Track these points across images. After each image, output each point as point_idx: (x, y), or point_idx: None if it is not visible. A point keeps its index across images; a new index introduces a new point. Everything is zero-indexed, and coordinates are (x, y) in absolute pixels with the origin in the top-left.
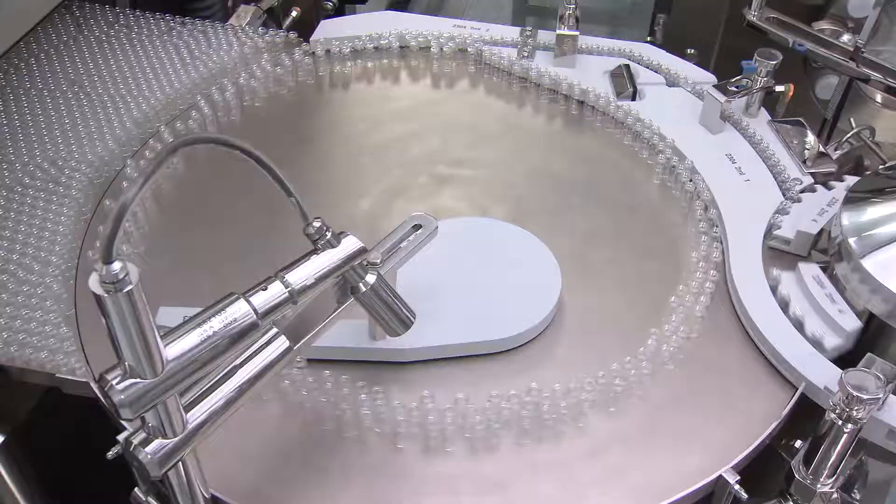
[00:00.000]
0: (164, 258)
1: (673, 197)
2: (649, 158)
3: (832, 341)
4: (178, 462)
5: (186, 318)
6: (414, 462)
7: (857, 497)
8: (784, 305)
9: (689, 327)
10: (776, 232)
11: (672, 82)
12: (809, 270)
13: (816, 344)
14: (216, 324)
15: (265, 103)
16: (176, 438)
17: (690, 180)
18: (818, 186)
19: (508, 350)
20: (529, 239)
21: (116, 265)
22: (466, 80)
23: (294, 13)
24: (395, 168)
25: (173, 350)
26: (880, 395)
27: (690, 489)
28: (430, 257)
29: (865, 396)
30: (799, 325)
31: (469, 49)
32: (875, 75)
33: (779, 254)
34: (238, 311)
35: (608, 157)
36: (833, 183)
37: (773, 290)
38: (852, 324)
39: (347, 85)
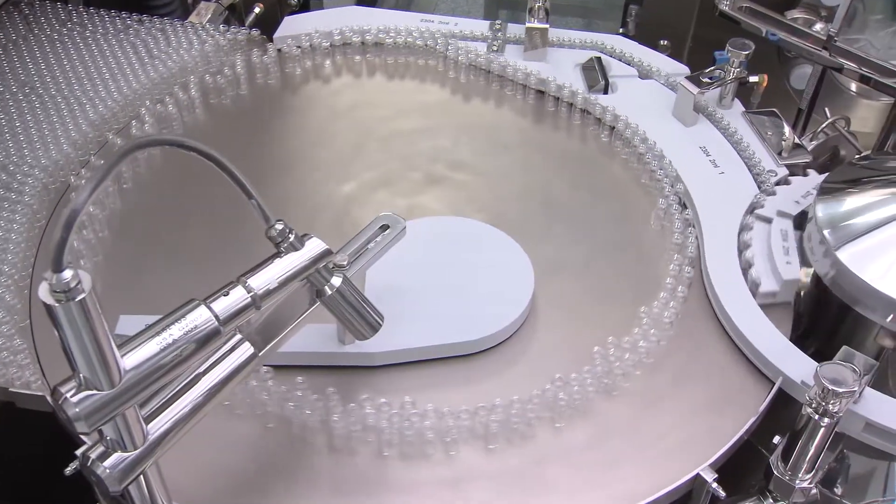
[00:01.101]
0: (124, 265)
1: (647, 191)
2: (622, 153)
3: (766, 286)
4: (139, 476)
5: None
6: (385, 468)
7: (839, 492)
8: (743, 248)
9: (663, 324)
10: (761, 290)
11: (645, 74)
12: (780, 224)
13: (753, 287)
14: (176, 331)
15: (228, 103)
16: (136, 451)
17: (665, 174)
18: (793, 178)
19: (481, 351)
20: (501, 238)
21: (67, 273)
22: (434, 76)
23: (257, 9)
24: (363, 165)
25: (131, 360)
26: (855, 388)
27: (668, 489)
28: (400, 257)
29: (841, 390)
30: (746, 267)
31: (437, 44)
32: (848, 64)
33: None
34: (199, 318)
35: (579, 152)
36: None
37: (740, 235)
38: (790, 273)
39: (310, 82)
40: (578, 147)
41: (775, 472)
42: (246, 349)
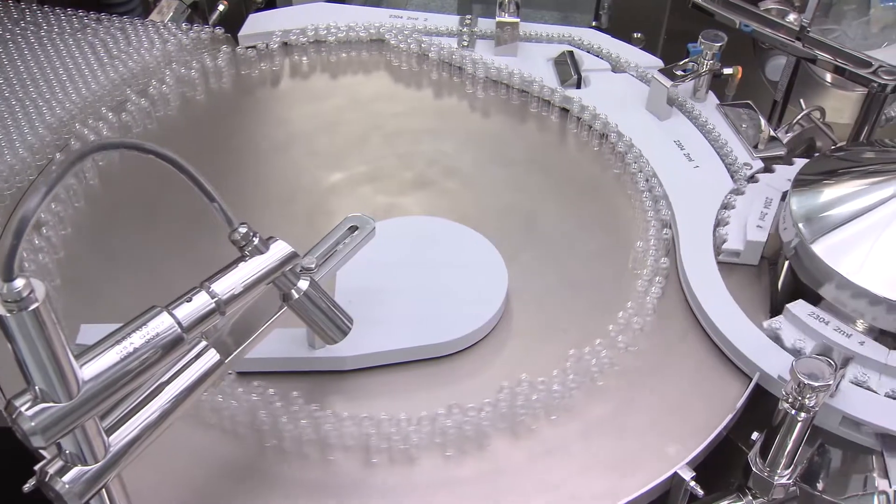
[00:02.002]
0: (85, 273)
1: (621, 187)
2: (596, 148)
3: (731, 245)
4: (100, 490)
5: None
6: (361, 475)
7: (820, 487)
8: (724, 207)
9: (640, 321)
10: (725, 246)
11: (618, 68)
12: (766, 192)
13: (720, 243)
14: (137, 339)
15: (191, 103)
16: (97, 465)
17: (639, 170)
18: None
19: (454, 353)
20: (474, 237)
21: (19, 282)
22: (404, 72)
23: (221, 7)
24: (331, 165)
25: (90, 370)
26: (830, 382)
27: (645, 488)
28: (370, 259)
29: (816, 384)
30: (722, 224)
31: (406, 40)
32: (822, 55)
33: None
34: (161, 325)
35: (553, 148)
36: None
37: (777, 340)
38: (756, 236)
39: (276, 81)
40: (551, 143)
41: (754, 469)
42: (211, 356)
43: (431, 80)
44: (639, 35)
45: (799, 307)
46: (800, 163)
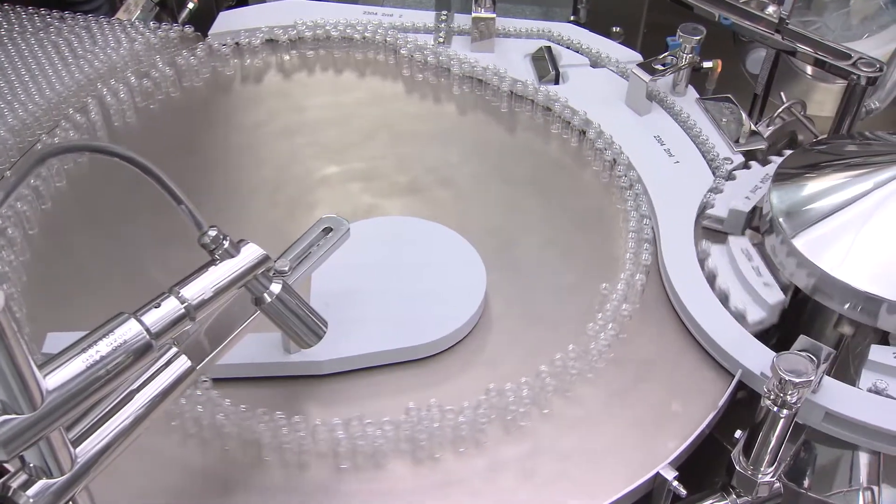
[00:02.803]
0: (52, 280)
1: (601, 183)
2: (575, 144)
3: (755, 315)
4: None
5: None
6: (338, 482)
7: (806, 484)
8: (711, 279)
9: (620, 320)
10: (709, 211)
11: (596, 63)
12: (738, 243)
13: (740, 317)
14: (104, 347)
15: (161, 104)
16: (63, 478)
17: (619, 165)
18: (752, 163)
19: (434, 355)
20: (451, 236)
21: None
22: (378, 70)
23: (190, 5)
24: (303, 166)
25: (54, 380)
26: (812, 378)
27: (627, 489)
28: (346, 260)
29: (798, 380)
30: (724, 299)
31: (380, 37)
32: (802, 47)
33: (711, 232)
34: (128, 332)
35: (530, 145)
36: (771, 158)
37: (702, 263)
38: (775, 297)
39: (246, 80)
40: (529, 140)
41: (737, 468)
42: (182, 363)
43: (404, 76)
44: (618, 29)
45: (736, 241)
46: (750, 173)
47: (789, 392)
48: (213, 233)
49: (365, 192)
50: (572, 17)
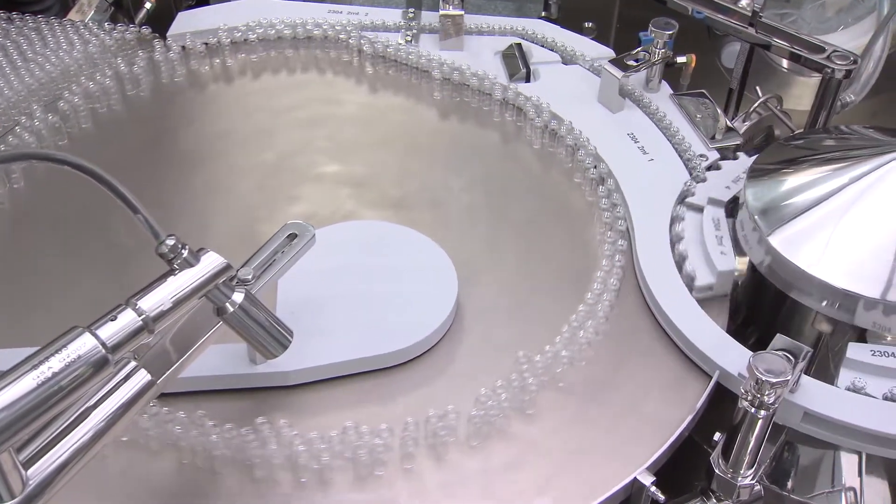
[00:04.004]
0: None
1: (574, 183)
2: (547, 144)
3: (702, 279)
4: None
5: None
6: (306, 496)
7: (790, 485)
8: (675, 241)
9: (595, 323)
10: (697, 283)
11: (568, 60)
12: (712, 212)
13: (689, 281)
14: (56, 363)
15: (117, 109)
16: (13, 501)
17: (591, 163)
18: (723, 163)
19: (405, 363)
20: (420, 240)
21: None
22: (343, 71)
23: (148, 5)
24: (271, 170)
25: (2, 399)
26: (789, 377)
27: (604, 496)
28: (312, 267)
29: (774, 379)
30: (681, 261)
31: (344, 36)
32: (776, 41)
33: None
34: (83, 347)
35: (501, 145)
36: (738, 155)
37: (672, 225)
38: (726, 264)
39: (207, 84)
40: (499, 141)
41: (716, 471)
42: (142, 377)
43: (367, 74)
44: (590, 25)
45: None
46: (735, 164)
47: (766, 392)
48: (171, 242)
49: (334, 191)
50: (544, 13)
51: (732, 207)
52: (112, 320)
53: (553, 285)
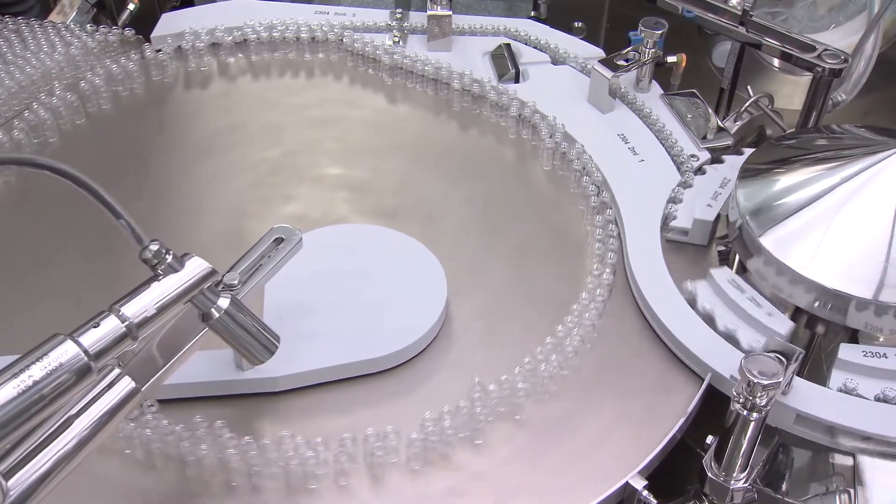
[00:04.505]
0: None
1: (565, 185)
2: (537, 145)
3: (679, 222)
4: None
5: None
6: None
7: (784, 488)
8: (710, 321)
9: (586, 326)
10: (673, 223)
11: (558, 60)
12: (723, 276)
13: (668, 220)
14: (37, 372)
15: (99, 113)
16: None
17: (582, 164)
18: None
19: (394, 367)
20: (409, 243)
21: None
22: (331, 73)
23: (131, 6)
24: (255, 173)
25: None
26: (780, 379)
27: (595, 501)
28: (300, 271)
29: (766, 381)
30: (733, 341)
31: (331, 37)
32: (767, 40)
33: (678, 246)
34: (65, 355)
35: (492, 147)
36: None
37: (692, 303)
38: (786, 326)
39: (191, 86)
40: (489, 142)
41: (709, 474)
42: (126, 384)
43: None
44: (580, 24)
45: (721, 273)
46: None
47: (758, 395)
48: (154, 247)
49: (330, 194)
50: (533, 13)
51: None
52: (95, 327)
53: (542, 287)
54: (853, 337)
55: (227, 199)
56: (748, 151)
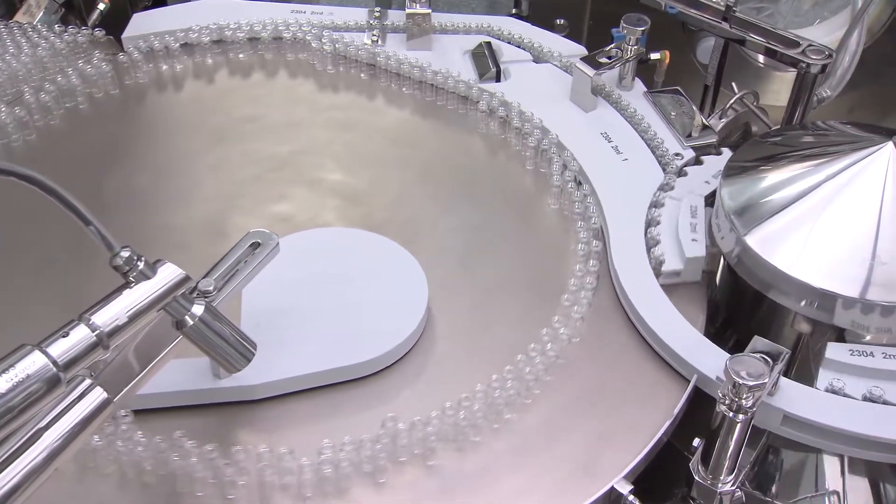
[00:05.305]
0: None
1: (547, 185)
2: (518, 145)
3: (670, 265)
4: None
5: None
6: None
7: (774, 490)
8: (649, 224)
9: (571, 327)
10: (664, 268)
11: (539, 58)
12: (691, 200)
13: (657, 266)
14: (3, 384)
15: (67, 116)
16: None
17: (565, 166)
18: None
19: (374, 374)
20: (389, 247)
21: None
22: (306, 73)
23: (101, 6)
24: (258, 168)
25: None
26: (766, 380)
27: None
28: (278, 276)
29: (752, 382)
30: (653, 245)
31: (309, 37)
32: (751, 36)
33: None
34: (32, 366)
35: (473, 147)
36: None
37: (651, 209)
38: (695, 251)
39: (165, 88)
40: (469, 143)
41: (696, 478)
42: (98, 395)
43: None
44: (562, 22)
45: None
46: (718, 159)
47: (744, 396)
48: (125, 254)
49: (323, 199)
50: (514, 10)
51: (712, 199)
52: (64, 336)
53: (526, 289)
54: (840, 336)
55: (222, 189)
56: (727, 152)
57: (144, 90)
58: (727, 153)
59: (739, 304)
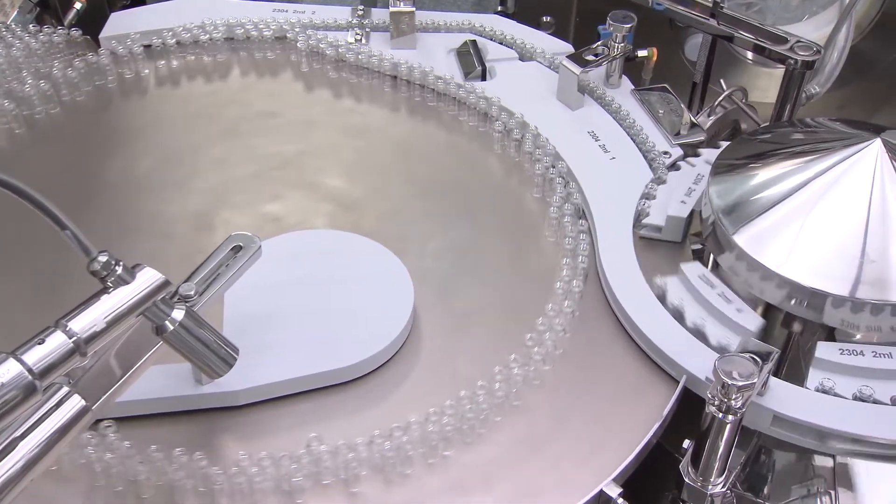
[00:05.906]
0: None
1: (533, 184)
2: (504, 144)
3: (652, 219)
4: None
5: None
6: None
7: (766, 492)
8: (679, 316)
9: (559, 329)
10: (646, 220)
11: (525, 56)
12: (694, 270)
13: (640, 218)
14: None
15: (43, 119)
16: None
17: (551, 163)
18: (682, 163)
19: (360, 378)
20: (374, 249)
21: None
22: (290, 73)
23: (78, 5)
24: (260, 165)
25: None
26: (755, 380)
27: None
28: (260, 280)
29: (740, 382)
30: (701, 336)
31: (290, 36)
32: (739, 33)
33: (652, 244)
34: (7, 374)
35: (458, 147)
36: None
37: (662, 299)
38: (755, 322)
39: (145, 90)
40: (455, 143)
41: (686, 479)
42: (75, 402)
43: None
44: (548, 19)
45: (691, 268)
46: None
47: (733, 396)
48: (103, 258)
49: (316, 204)
50: (500, 8)
51: None
52: (39, 343)
53: (512, 292)
54: (830, 335)
55: (220, 182)
56: (724, 145)
57: (126, 89)
58: (687, 169)
59: None
